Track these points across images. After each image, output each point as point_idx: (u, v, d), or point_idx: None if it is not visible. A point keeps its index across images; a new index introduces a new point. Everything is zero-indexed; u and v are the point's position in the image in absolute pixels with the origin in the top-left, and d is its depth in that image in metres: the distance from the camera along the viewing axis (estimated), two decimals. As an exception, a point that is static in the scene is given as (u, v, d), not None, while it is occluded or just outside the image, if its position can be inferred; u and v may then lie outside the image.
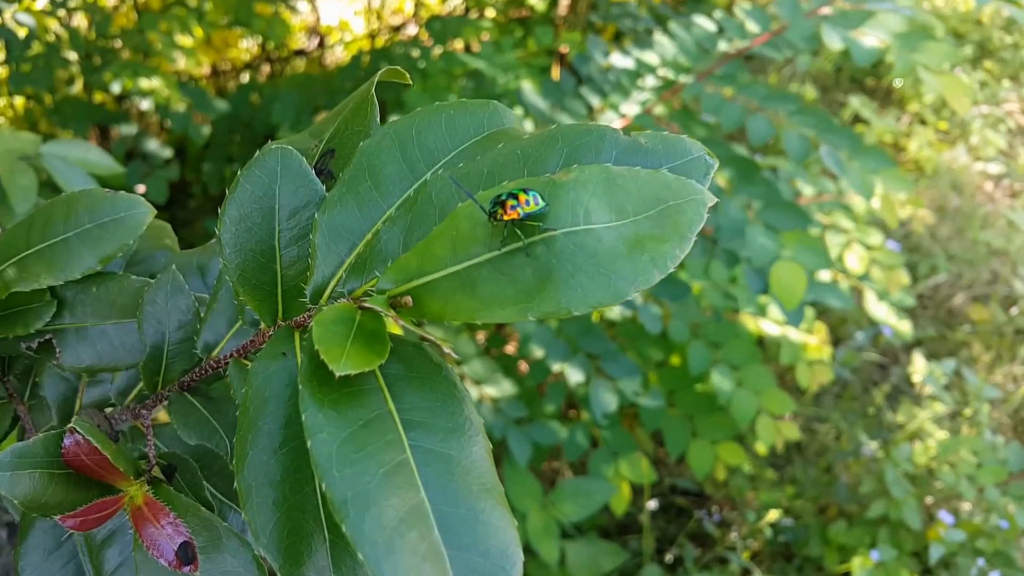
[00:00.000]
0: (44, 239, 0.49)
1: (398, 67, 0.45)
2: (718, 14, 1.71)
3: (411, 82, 0.44)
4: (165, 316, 0.48)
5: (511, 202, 0.35)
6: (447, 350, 0.33)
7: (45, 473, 0.46)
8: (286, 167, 0.40)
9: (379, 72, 0.44)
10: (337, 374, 0.32)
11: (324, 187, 0.41)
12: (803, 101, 1.45)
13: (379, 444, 0.33)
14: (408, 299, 0.35)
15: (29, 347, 0.54)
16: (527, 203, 0.35)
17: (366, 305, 0.34)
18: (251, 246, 0.41)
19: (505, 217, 0.35)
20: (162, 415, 0.54)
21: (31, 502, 0.45)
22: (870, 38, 1.33)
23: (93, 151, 1.12)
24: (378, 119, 0.43)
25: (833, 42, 1.34)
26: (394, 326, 0.37)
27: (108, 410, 0.52)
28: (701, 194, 0.36)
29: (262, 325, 0.42)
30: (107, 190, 0.50)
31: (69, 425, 0.44)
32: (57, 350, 0.53)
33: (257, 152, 0.41)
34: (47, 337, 0.53)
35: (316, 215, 0.40)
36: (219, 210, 0.40)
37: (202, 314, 0.47)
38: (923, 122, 2.57)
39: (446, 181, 0.38)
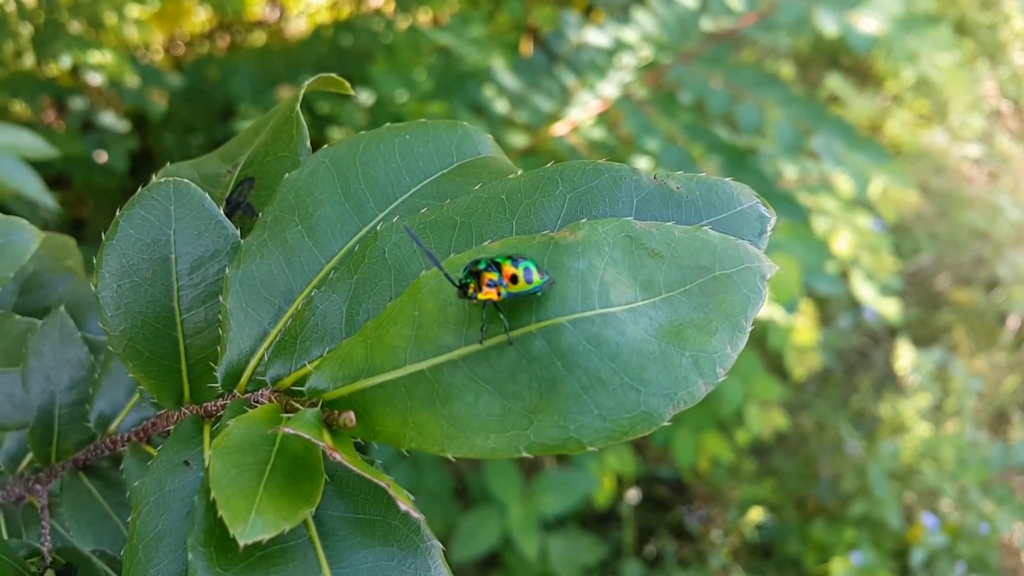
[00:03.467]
0: None
1: (333, 75, 0.33)
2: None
3: (350, 91, 0.33)
4: (54, 372, 0.37)
5: (490, 275, 0.24)
6: (405, 507, 0.22)
7: None
8: (183, 205, 0.29)
9: (307, 81, 0.32)
10: (240, 542, 0.21)
11: (238, 231, 0.30)
12: (791, 87, 1.35)
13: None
14: (350, 415, 0.24)
15: None
16: (514, 278, 0.24)
17: (289, 431, 0.23)
18: (140, 308, 0.29)
19: (481, 296, 0.24)
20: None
21: None
22: (867, 22, 1.22)
23: (22, 135, 0.99)
24: (307, 143, 0.32)
25: (828, 26, 1.24)
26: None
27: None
28: (758, 261, 0.25)
29: (162, 406, 0.31)
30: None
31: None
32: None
33: (141, 187, 0.29)
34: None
35: (228, 269, 0.29)
36: (94, 260, 0.29)
37: (97, 374, 0.36)
38: (898, 101, 2.49)
39: (404, 231, 0.27)
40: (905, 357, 1.86)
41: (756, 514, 1.77)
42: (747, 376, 1.62)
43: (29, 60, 2.37)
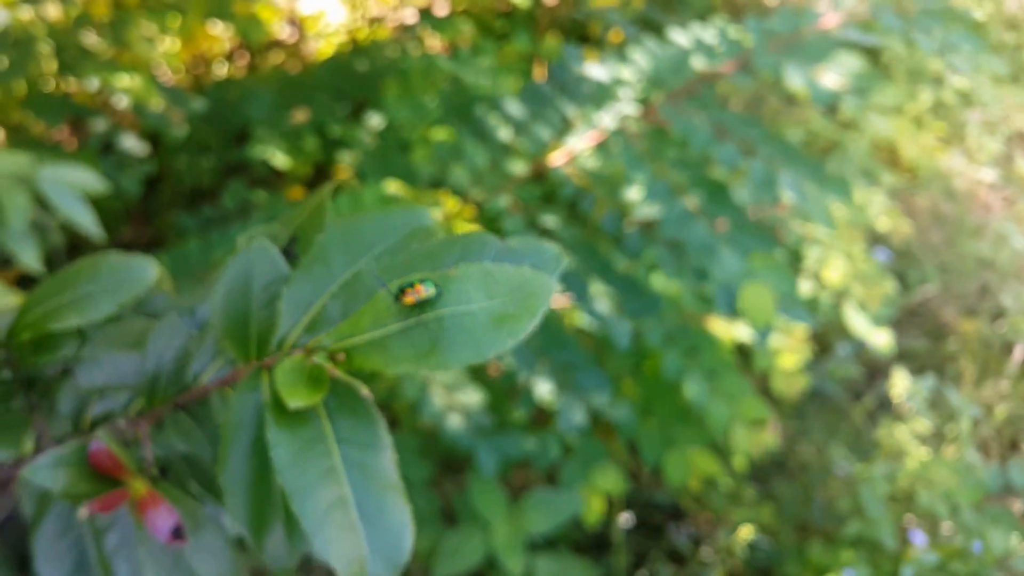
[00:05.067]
0: (74, 292, 0.72)
1: (339, 182, 0.66)
2: (698, 26, 1.92)
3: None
4: (164, 351, 0.71)
5: (409, 290, 0.57)
6: (364, 393, 0.55)
7: (75, 471, 0.68)
8: (261, 254, 0.62)
9: (326, 186, 0.66)
10: (290, 407, 0.54)
11: (289, 267, 0.63)
12: (770, 127, 1.67)
13: (318, 454, 0.55)
14: (342, 355, 0.57)
15: (53, 371, 0.77)
16: (422, 291, 0.57)
17: (313, 359, 0.57)
18: (234, 309, 0.63)
19: (405, 300, 0.57)
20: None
21: (65, 493, 0.67)
22: (829, 77, 1.54)
23: (87, 176, 1.34)
24: (331, 218, 0.65)
25: (794, 81, 1.55)
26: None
27: (120, 421, 0.74)
28: (550, 283, 0.58)
29: (239, 364, 0.64)
30: (123, 255, 0.73)
31: (95, 434, 0.66)
32: (76, 374, 0.76)
33: (240, 241, 0.63)
34: (68, 365, 0.76)
35: (283, 288, 0.62)
36: (213, 288, 0.63)
37: (192, 350, 0.69)
38: (917, 123, 2.79)
39: (373, 271, 0.61)
40: (900, 384, 2.16)
41: (747, 532, 2.06)
42: (734, 398, 1.92)
43: (53, 81, 2.74)
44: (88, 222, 1.29)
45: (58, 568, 0.77)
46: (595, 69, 1.96)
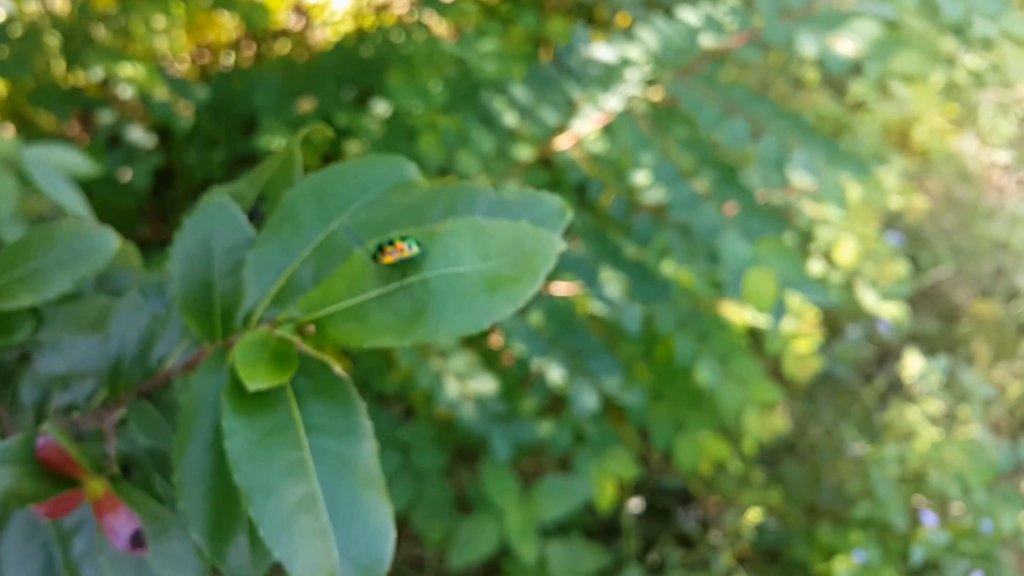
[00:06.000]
0: (27, 266, 0.61)
1: (320, 125, 0.56)
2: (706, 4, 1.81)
3: (333, 135, 0.56)
4: (127, 332, 0.60)
5: (388, 248, 0.47)
6: (338, 371, 0.45)
7: (22, 469, 0.58)
8: (222, 214, 0.52)
9: (302, 131, 0.55)
10: (250, 389, 0.44)
11: (254, 229, 0.53)
12: (781, 103, 1.56)
13: (283, 444, 0.45)
14: (311, 327, 0.47)
15: (11, 358, 0.67)
16: (403, 249, 0.46)
17: (278, 333, 0.46)
18: (194, 278, 0.53)
19: (383, 260, 0.46)
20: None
21: (10, 493, 0.57)
22: (844, 44, 1.43)
23: (73, 156, 1.24)
24: (300, 171, 0.55)
25: (807, 48, 1.44)
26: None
27: (75, 414, 0.64)
28: (553, 240, 0.47)
29: (204, 343, 0.54)
30: (80, 221, 0.62)
31: (41, 428, 0.56)
32: (34, 360, 0.66)
33: (200, 200, 0.53)
34: (27, 350, 0.66)
35: (247, 253, 0.52)
36: (169, 248, 0.52)
37: (157, 331, 0.59)
38: (926, 105, 2.66)
39: (348, 229, 0.50)
40: (912, 365, 2.04)
41: (755, 515, 1.95)
42: (746, 381, 1.81)
43: (59, 72, 2.65)
44: (76, 204, 1.19)
45: (24, 574, 0.67)
46: (602, 50, 1.85)
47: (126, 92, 2.24)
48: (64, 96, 2.42)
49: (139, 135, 2.34)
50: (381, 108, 2.15)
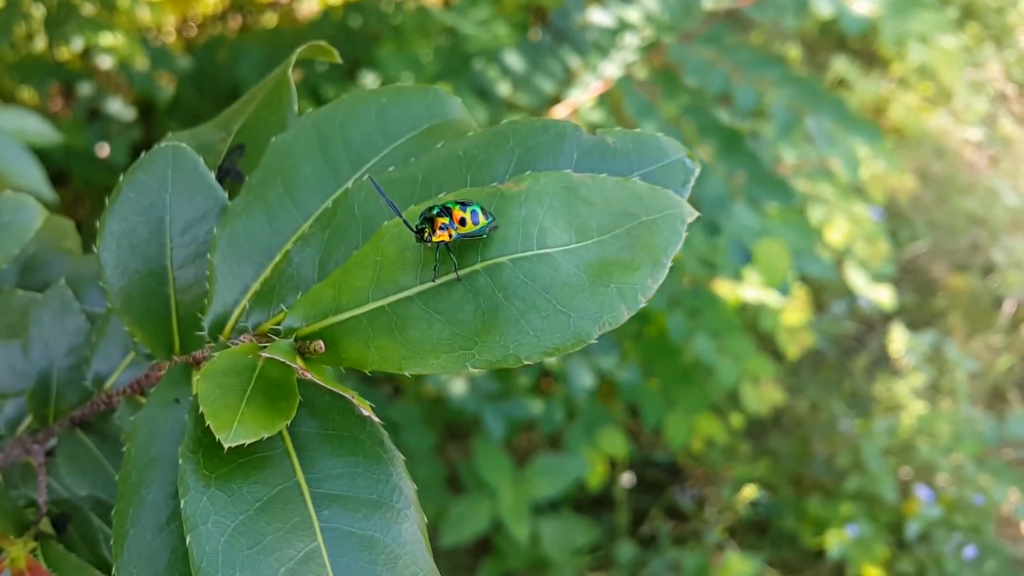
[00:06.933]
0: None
1: (322, 43, 0.37)
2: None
3: (338, 59, 0.36)
4: (53, 339, 0.41)
5: (442, 219, 0.28)
6: (366, 412, 0.26)
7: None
8: (179, 170, 0.33)
9: (297, 50, 0.36)
10: (226, 443, 0.25)
11: (227, 193, 0.34)
12: (789, 67, 1.38)
13: (282, 531, 0.26)
14: (320, 343, 0.28)
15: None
16: (463, 221, 0.28)
17: (265, 354, 0.27)
18: (137, 266, 0.33)
19: (435, 239, 0.27)
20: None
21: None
22: (861, 4, 1.25)
23: (30, 119, 1.02)
24: (295, 108, 0.35)
25: (822, 7, 1.26)
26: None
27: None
28: (679, 207, 0.28)
29: (156, 358, 0.35)
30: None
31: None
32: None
33: (143, 152, 0.33)
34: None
35: (216, 229, 0.32)
36: (97, 224, 0.33)
37: (95, 339, 0.39)
38: (903, 83, 2.50)
39: (372, 188, 0.31)
40: (899, 340, 1.89)
41: (750, 491, 1.80)
42: (740, 357, 1.65)
43: (40, 43, 2.40)
44: (34, 178, 0.97)
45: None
46: (598, 14, 1.65)
47: (106, 62, 2.01)
48: (44, 69, 2.19)
49: (118, 107, 2.11)
50: (370, 79, 1.93)
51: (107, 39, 1.94)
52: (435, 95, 0.35)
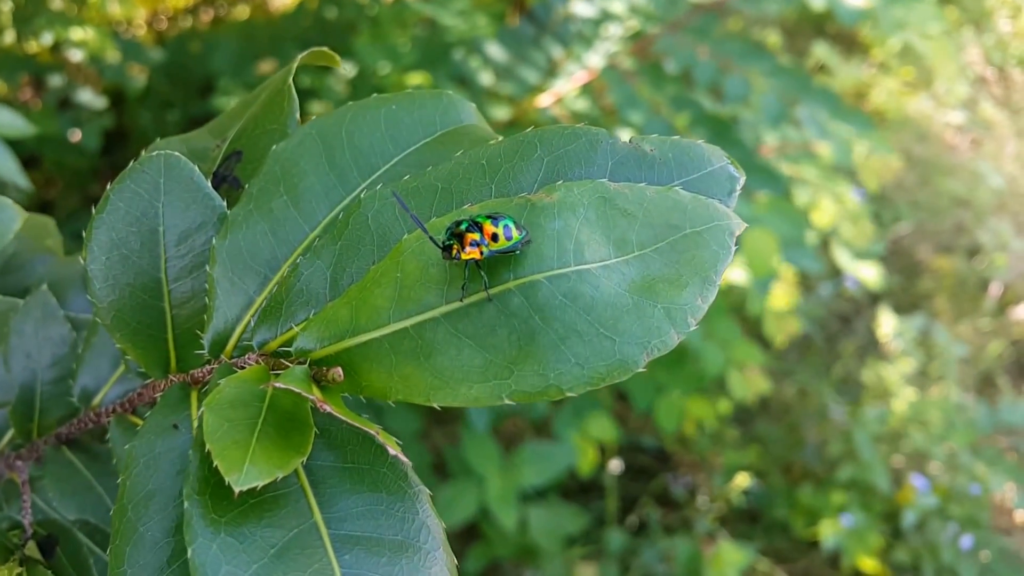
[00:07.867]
0: None
1: (324, 49, 0.34)
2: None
3: (340, 65, 0.34)
4: (35, 350, 0.38)
5: (472, 235, 0.25)
6: (394, 452, 0.24)
7: None
8: (172, 178, 0.30)
9: (299, 56, 0.33)
10: (236, 487, 0.23)
11: (225, 202, 0.31)
12: (777, 57, 1.36)
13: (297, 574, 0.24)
14: (338, 371, 0.25)
15: None
16: (495, 237, 0.25)
17: (279, 385, 0.24)
18: (129, 280, 0.30)
19: (464, 256, 0.25)
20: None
21: None
22: (854, -6, 1.23)
23: (3, 113, 0.98)
24: (297, 115, 0.33)
25: (815, 0, 1.24)
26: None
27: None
28: (727, 219, 0.26)
29: (151, 376, 0.32)
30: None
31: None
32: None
33: (133, 161, 0.30)
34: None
35: (214, 240, 0.30)
36: (84, 234, 0.30)
37: (82, 350, 0.36)
38: (884, 68, 2.50)
39: (387, 198, 0.28)
40: (887, 324, 1.89)
41: (743, 479, 1.79)
42: (727, 343, 1.63)
43: (9, 37, 2.34)
44: (8, 168, 0.93)
45: None
46: (581, 5, 1.62)
47: (76, 56, 1.95)
48: (14, 62, 2.13)
49: (89, 97, 2.06)
50: (346, 69, 1.89)
51: (77, 33, 1.90)
52: (448, 100, 0.32)
